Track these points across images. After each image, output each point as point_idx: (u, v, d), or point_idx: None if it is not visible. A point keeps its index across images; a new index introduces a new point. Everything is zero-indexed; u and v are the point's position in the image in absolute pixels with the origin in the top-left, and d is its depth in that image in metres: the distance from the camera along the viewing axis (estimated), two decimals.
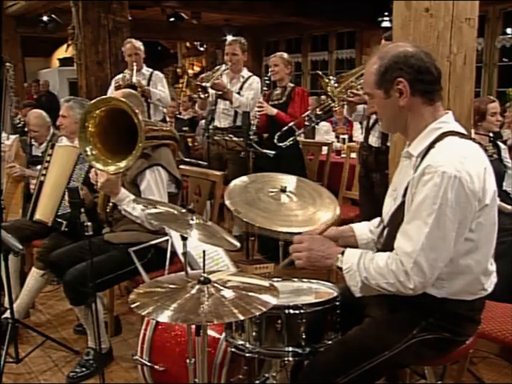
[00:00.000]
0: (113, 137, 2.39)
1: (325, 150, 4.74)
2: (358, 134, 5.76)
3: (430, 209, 1.39)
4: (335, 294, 1.73)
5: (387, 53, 1.54)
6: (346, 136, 5.30)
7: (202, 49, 11.07)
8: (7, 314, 2.97)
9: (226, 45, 4.48)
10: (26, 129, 4.40)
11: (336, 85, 3.26)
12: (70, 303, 2.57)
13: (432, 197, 1.39)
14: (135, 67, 4.52)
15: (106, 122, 2.34)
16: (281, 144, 3.55)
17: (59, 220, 3.02)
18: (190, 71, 11.81)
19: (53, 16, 8.21)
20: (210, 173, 2.91)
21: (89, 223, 1.99)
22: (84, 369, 2.58)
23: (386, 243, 1.58)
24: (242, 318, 1.28)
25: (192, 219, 1.62)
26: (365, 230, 1.82)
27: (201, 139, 5.66)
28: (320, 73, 3.37)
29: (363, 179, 3.77)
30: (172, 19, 7.85)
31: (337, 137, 5.61)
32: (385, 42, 3.53)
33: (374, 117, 3.55)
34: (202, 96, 4.24)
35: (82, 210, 1.98)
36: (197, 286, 1.40)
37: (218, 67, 4.45)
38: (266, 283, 1.48)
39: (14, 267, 3.16)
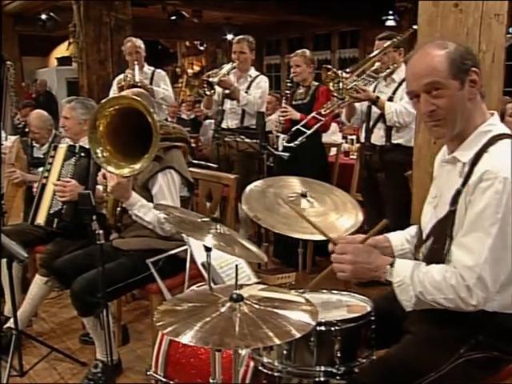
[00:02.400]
0: (122, 138, 2.26)
1: (333, 150, 4.64)
2: None
3: (493, 218, 1.28)
4: (369, 309, 1.61)
5: (444, 44, 1.39)
6: (354, 137, 5.18)
7: (202, 48, 10.94)
8: (10, 324, 2.85)
9: (233, 43, 4.35)
10: (26, 129, 4.28)
11: (347, 76, 3.16)
12: (77, 314, 2.44)
13: (494, 205, 1.28)
14: (137, 66, 4.41)
15: (117, 122, 2.22)
16: (291, 144, 3.43)
17: (50, 218, 2.89)
18: (190, 71, 11.68)
19: (51, 14, 8.07)
20: (222, 176, 2.79)
21: (101, 231, 1.87)
22: (92, 382, 2.45)
23: (430, 255, 1.46)
24: (279, 342, 1.16)
25: (216, 229, 1.50)
26: (401, 239, 1.70)
27: (205, 140, 5.53)
28: (329, 66, 3.26)
29: (366, 181, 3.69)
30: (173, 17, 7.72)
31: (344, 137, 5.50)
32: (378, 42, 3.47)
33: (375, 115, 3.47)
34: (208, 93, 4.11)
35: (94, 217, 1.85)
36: (228, 304, 1.27)
37: (224, 65, 4.33)
38: (301, 299, 1.36)
39: (15, 273, 3.01)
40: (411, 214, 2.46)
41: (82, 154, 2.84)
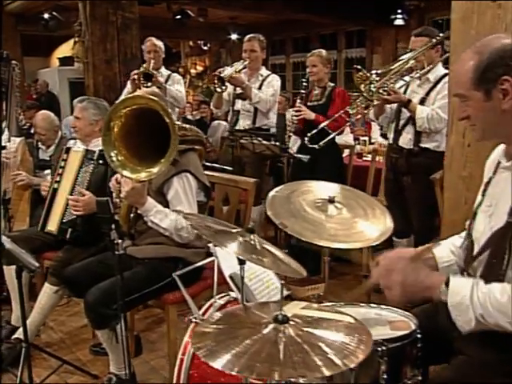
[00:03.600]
0: (137, 140, 2.14)
1: (345, 152, 4.52)
2: (377, 136, 5.55)
3: None
4: (413, 325, 1.49)
5: (487, 46, 1.31)
6: (366, 138, 5.07)
7: (205, 48, 10.81)
8: (18, 334, 2.73)
9: (243, 41, 4.24)
10: (31, 131, 4.16)
11: (377, 78, 3.02)
12: (92, 326, 2.33)
13: None
14: (153, 63, 4.29)
15: (131, 123, 2.10)
16: (314, 145, 3.29)
17: (63, 227, 2.78)
18: (193, 71, 11.56)
19: (54, 13, 7.93)
20: (240, 180, 2.66)
21: (119, 241, 1.75)
22: None
23: (486, 271, 1.33)
24: (330, 373, 1.03)
25: (251, 240, 1.38)
26: (445, 250, 1.58)
27: (213, 141, 5.41)
28: (359, 67, 3.13)
29: (391, 183, 3.53)
30: (178, 17, 7.60)
31: (356, 139, 5.38)
32: (414, 38, 3.31)
33: (405, 117, 3.33)
34: (219, 89, 4.00)
35: (113, 226, 1.73)
36: (271, 326, 1.15)
37: (235, 63, 4.22)
38: (350, 319, 1.23)
39: (23, 281, 2.91)
40: (442, 221, 2.35)
41: (100, 161, 2.72)
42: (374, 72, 3.15)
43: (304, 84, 3.93)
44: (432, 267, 1.52)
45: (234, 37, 9.95)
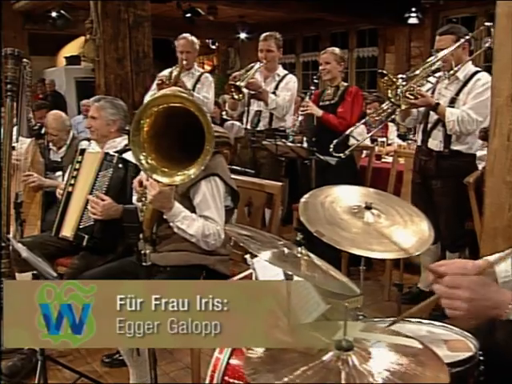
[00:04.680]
0: (164, 141, 2.01)
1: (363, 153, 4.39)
2: (394, 137, 5.41)
3: None
4: (473, 346, 1.36)
5: None
6: (384, 139, 4.94)
7: (213, 47, 10.69)
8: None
9: (259, 41, 4.11)
10: (42, 131, 4.04)
11: (404, 83, 2.89)
12: None
13: None
14: (184, 63, 4.15)
15: (160, 123, 1.97)
16: (340, 154, 3.14)
17: (80, 234, 2.66)
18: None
19: (62, 12, 7.84)
20: (266, 183, 2.54)
21: (147, 251, 1.63)
22: None
23: None
24: None
25: (299, 253, 1.26)
26: (504, 264, 1.45)
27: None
28: (384, 71, 3.01)
29: (419, 186, 3.39)
30: (188, 15, 7.48)
31: (373, 140, 5.24)
32: (439, 37, 3.18)
33: (433, 119, 3.20)
34: (236, 97, 3.89)
35: (141, 235, 1.61)
36: (332, 353, 1.03)
37: (251, 65, 4.09)
38: (418, 344, 1.11)
39: None
40: (482, 228, 2.22)
41: (120, 166, 2.60)
42: (400, 76, 3.04)
43: (315, 81, 3.81)
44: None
45: (242, 36, 9.83)
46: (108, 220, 2.47)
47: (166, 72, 4.21)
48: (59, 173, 3.83)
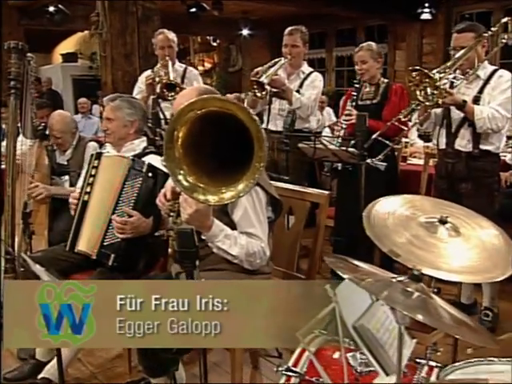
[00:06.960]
0: (199, 153, 1.72)
1: None
2: (415, 137, 5.17)
3: None
4: None
5: None
6: (407, 139, 4.68)
7: (214, 44, 10.40)
8: (46, 373, 2.34)
9: (284, 35, 3.82)
10: (47, 132, 3.73)
11: (439, 78, 2.67)
12: (146, 374, 1.92)
13: None
14: (170, 62, 3.91)
15: (195, 133, 1.68)
16: (378, 163, 2.87)
17: (105, 251, 2.37)
18: (201, 68, 11.13)
19: (60, 6, 7.51)
20: (310, 192, 2.26)
21: (203, 279, 1.36)
22: None
23: None
24: None
25: (416, 290, 0.99)
26: None
27: None
28: (417, 67, 2.78)
29: (444, 192, 3.16)
30: (193, 10, 7.18)
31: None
32: (457, 35, 2.97)
33: (457, 118, 2.98)
34: (259, 94, 3.60)
35: (197, 262, 1.34)
36: None
37: (274, 60, 3.81)
38: None
39: None
40: None
41: (150, 175, 2.32)
42: (435, 71, 2.81)
43: (356, 85, 3.54)
44: None
45: (245, 32, 9.55)
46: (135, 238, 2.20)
47: (149, 72, 3.97)
48: (66, 177, 3.54)
